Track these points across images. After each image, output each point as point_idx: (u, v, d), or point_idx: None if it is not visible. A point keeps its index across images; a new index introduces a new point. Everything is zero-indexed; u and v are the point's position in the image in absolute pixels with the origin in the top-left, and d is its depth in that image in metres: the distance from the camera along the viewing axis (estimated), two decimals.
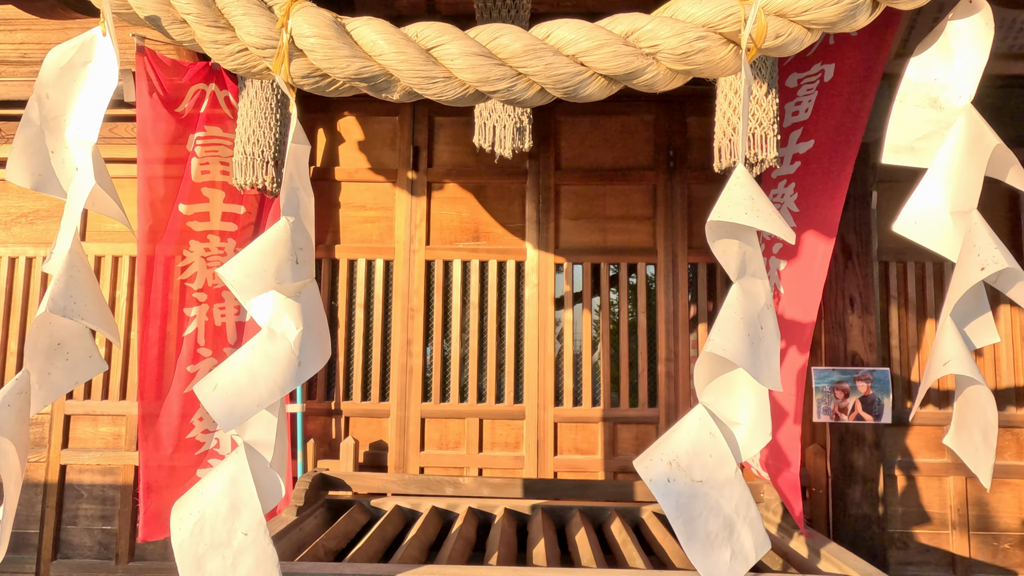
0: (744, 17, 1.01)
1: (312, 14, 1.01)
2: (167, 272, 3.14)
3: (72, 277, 1.03)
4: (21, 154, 1.08)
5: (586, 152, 3.53)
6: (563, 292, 3.47)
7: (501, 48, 1.02)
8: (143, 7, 1.05)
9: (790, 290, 2.82)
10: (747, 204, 0.96)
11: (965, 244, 1.11)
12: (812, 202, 2.82)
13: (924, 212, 1.15)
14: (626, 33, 1.03)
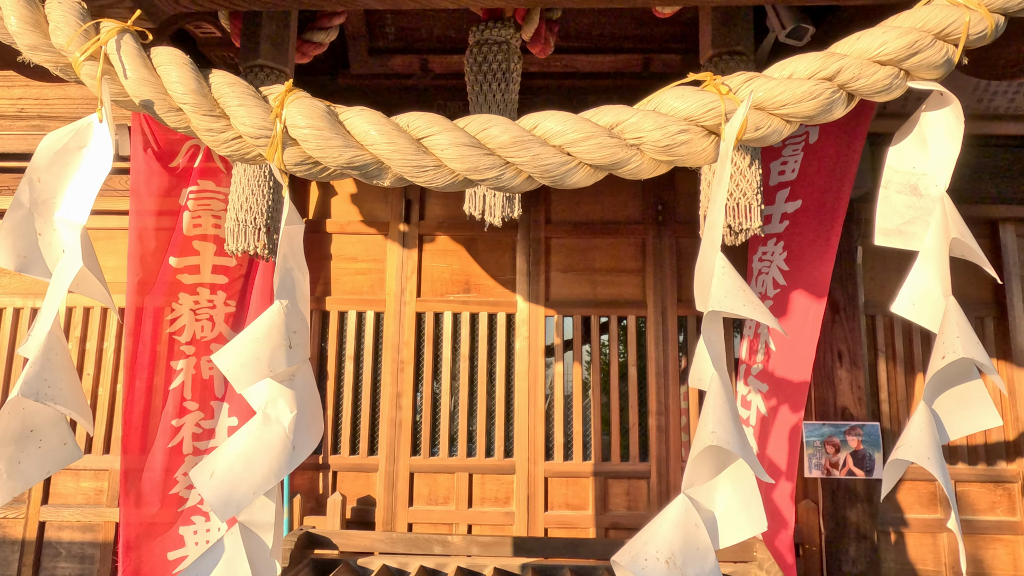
0: (724, 111, 1.04)
1: (306, 105, 1.04)
2: (155, 325, 3.12)
3: (48, 360, 1.03)
4: (8, 237, 1.09)
5: (576, 206, 3.58)
6: (554, 344, 3.47)
7: (490, 139, 1.05)
8: (139, 95, 1.07)
9: (782, 348, 2.84)
10: (741, 295, 0.98)
11: (939, 332, 1.14)
12: (802, 261, 2.86)
13: (920, 295, 1.17)
14: (611, 125, 1.06)
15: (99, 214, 3.59)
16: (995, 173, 3.49)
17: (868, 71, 1.07)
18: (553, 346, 3.47)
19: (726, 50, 1.81)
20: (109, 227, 3.59)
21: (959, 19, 1.07)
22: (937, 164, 1.15)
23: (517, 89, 1.94)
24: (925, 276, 1.17)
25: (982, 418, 1.13)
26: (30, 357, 1.05)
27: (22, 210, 1.10)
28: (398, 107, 3.54)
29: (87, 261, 1.07)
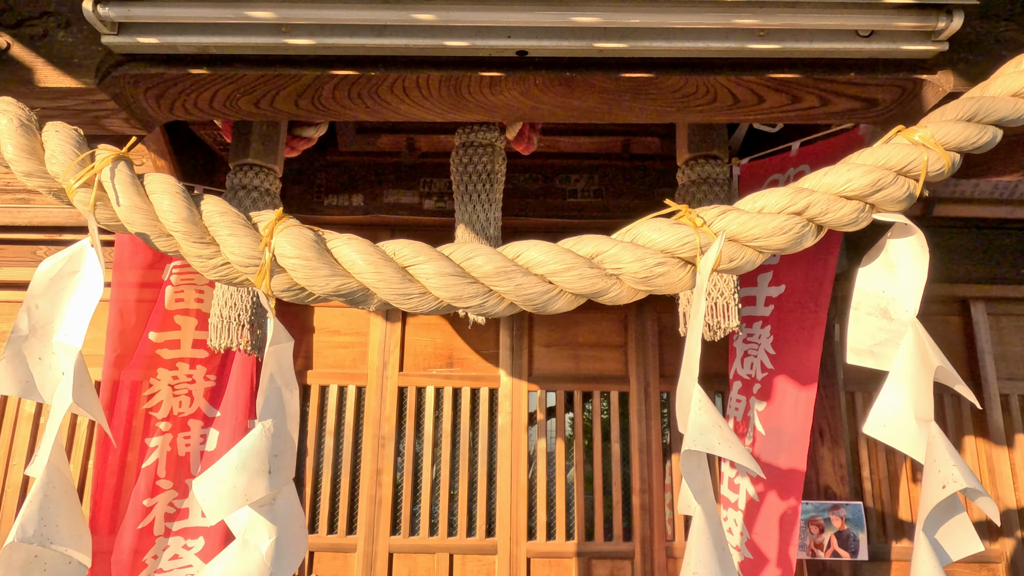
0: (699, 244, 1.08)
1: (295, 235, 1.07)
2: (132, 400, 3.07)
3: (47, 496, 1.02)
4: (9, 364, 1.10)
5: None
6: (537, 420, 3.46)
7: (475, 268, 1.08)
8: (131, 222, 1.09)
9: (772, 432, 2.83)
10: (717, 432, 1.00)
11: (928, 459, 1.16)
12: (789, 346, 2.89)
13: (890, 416, 1.20)
14: (592, 255, 1.09)
15: None
16: (964, 254, 3.60)
17: (835, 206, 1.13)
18: (536, 421, 3.45)
19: (702, 154, 1.89)
20: None
21: (918, 158, 1.14)
22: (906, 290, 1.20)
23: (501, 188, 2.00)
24: (897, 399, 1.20)
25: (968, 544, 1.15)
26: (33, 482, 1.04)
27: (20, 337, 1.10)
28: (384, 183, 3.59)
29: (78, 395, 1.07)
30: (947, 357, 3.63)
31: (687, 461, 1.04)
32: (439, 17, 1.27)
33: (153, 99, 1.48)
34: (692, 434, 1.01)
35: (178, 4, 1.28)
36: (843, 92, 1.45)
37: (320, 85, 1.43)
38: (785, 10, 1.27)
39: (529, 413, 3.48)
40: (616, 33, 1.31)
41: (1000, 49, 1.37)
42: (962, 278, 3.57)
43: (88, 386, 1.11)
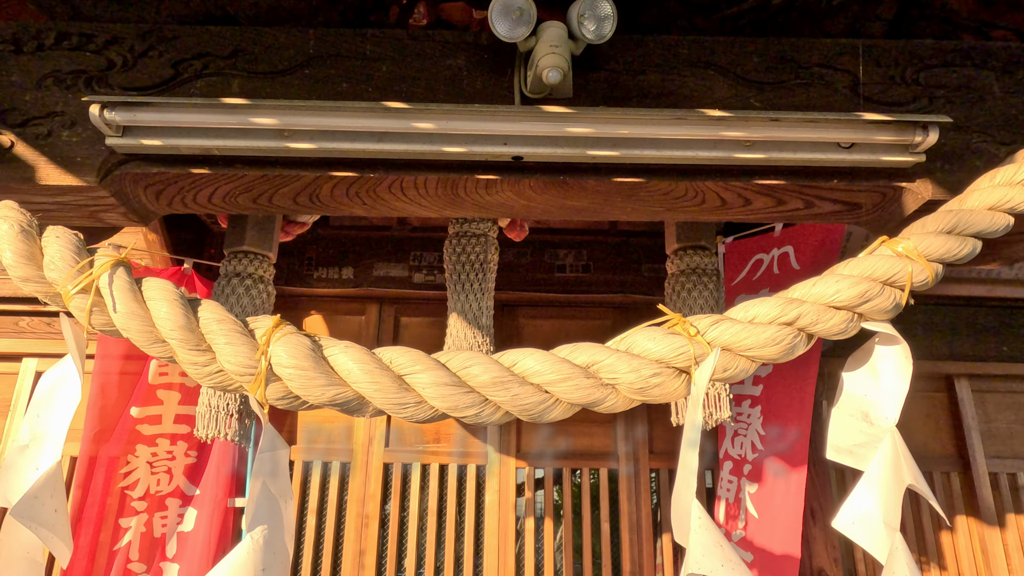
0: (694, 355, 1.10)
1: (292, 343, 1.07)
2: (108, 477, 2.98)
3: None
4: (7, 474, 1.08)
5: None
6: (524, 498, 3.39)
7: (471, 377, 1.08)
8: (127, 328, 1.09)
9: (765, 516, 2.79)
10: (719, 553, 0.99)
11: (887, 568, 1.16)
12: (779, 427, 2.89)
13: (859, 516, 1.20)
14: (587, 364, 1.10)
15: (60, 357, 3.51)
16: (947, 330, 3.66)
17: (825, 316, 1.15)
18: (524, 497, 3.38)
19: (690, 244, 1.93)
20: None
21: (903, 269, 1.18)
22: (887, 397, 1.22)
23: (494, 277, 2.02)
24: (867, 501, 1.20)
25: None
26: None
27: (22, 446, 1.09)
28: (374, 256, 3.62)
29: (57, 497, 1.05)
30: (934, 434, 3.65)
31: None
32: (437, 126, 1.32)
33: (153, 195, 1.50)
34: (695, 555, 0.99)
35: (183, 110, 1.31)
36: (827, 196, 1.50)
37: (319, 185, 1.46)
38: (769, 124, 1.33)
39: (517, 484, 3.41)
40: (608, 142, 1.36)
41: (974, 160, 1.44)
42: (946, 355, 3.61)
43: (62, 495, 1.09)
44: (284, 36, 1.49)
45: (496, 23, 1.35)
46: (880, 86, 1.50)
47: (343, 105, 1.32)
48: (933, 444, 3.57)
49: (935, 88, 1.49)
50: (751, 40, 1.52)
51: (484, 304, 1.92)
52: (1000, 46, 1.53)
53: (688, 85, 1.48)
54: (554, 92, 1.41)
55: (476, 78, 1.47)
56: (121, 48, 1.48)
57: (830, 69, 1.50)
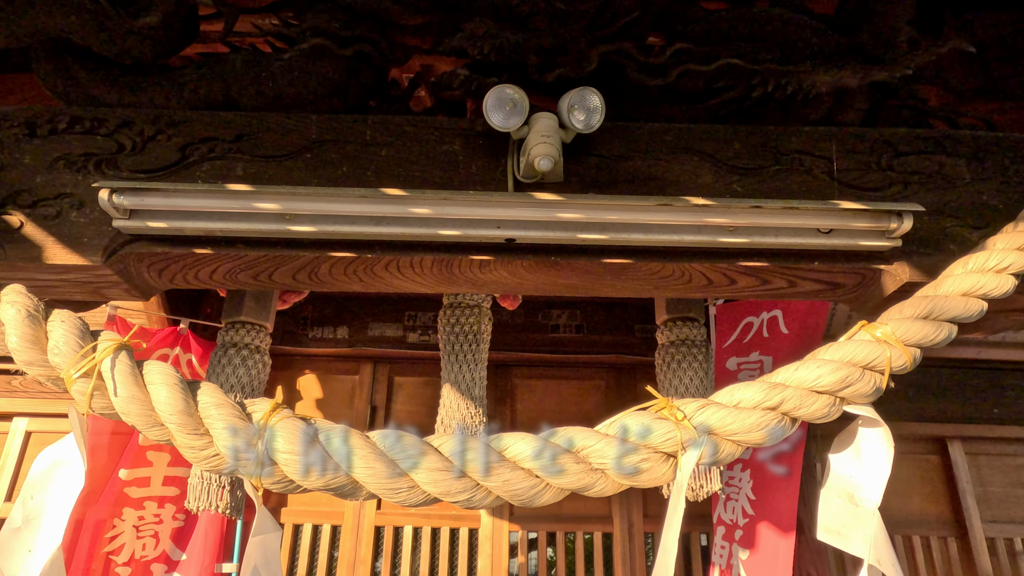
0: (681, 440, 1.12)
1: (288, 428, 1.09)
2: (93, 541, 2.93)
3: None
4: None
5: (541, 415, 3.62)
6: (518, 562, 3.34)
7: (463, 463, 1.10)
8: (128, 413, 1.11)
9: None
10: None
11: None
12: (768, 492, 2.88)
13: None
14: (577, 449, 1.13)
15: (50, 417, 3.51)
16: (937, 393, 3.69)
17: (808, 401, 1.18)
18: (517, 561, 3.33)
19: (680, 316, 1.98)
20: (61, 430, 3.48)
21: (882, 355, 1.22)
22: (870, 479, 1.24)
23: (487, 348, 2.06)
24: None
25: None
26: None
27: (14, 528, 1.09)
28: (369, 316, 3.63)
29: None
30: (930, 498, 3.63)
31: None
32: (434, 211, 1.37)
33: (155, 273, 1.54)
34: None
35: (189, 195, 1.37)
36: (809, 277, 1.55)
37: (318, 264, 1.51)
38: (751, 211, 1.39)
39: (510, 547, 3.36)
40: (597, 226, 1.41)
41: (949, 244, 1.50)
42: (937, 416, 3.63)
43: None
44: (288, 121, 1.56)
45: (491, 114, 1.42)
46: (857, 172, 1.57)
47: (343, 191, 1.37)
48: (930, 508, 3.55)
49: (909, 174, 1.57)
50: (732, 128, 1.60)
51: (477, 375, 1.95)
52: (968, 134, 1.61)
53: (673, 170, 1.55)
54: (546, 177, 1.48)
55: (472, 162, 1.54)
56: (131, 132, 1.55)
57: (809, 155, 1.58)
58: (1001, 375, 3.77)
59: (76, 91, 1.62)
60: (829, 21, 1.69)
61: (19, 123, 1.54)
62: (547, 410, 3.63)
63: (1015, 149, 1.60)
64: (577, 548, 3.36)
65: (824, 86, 1.53)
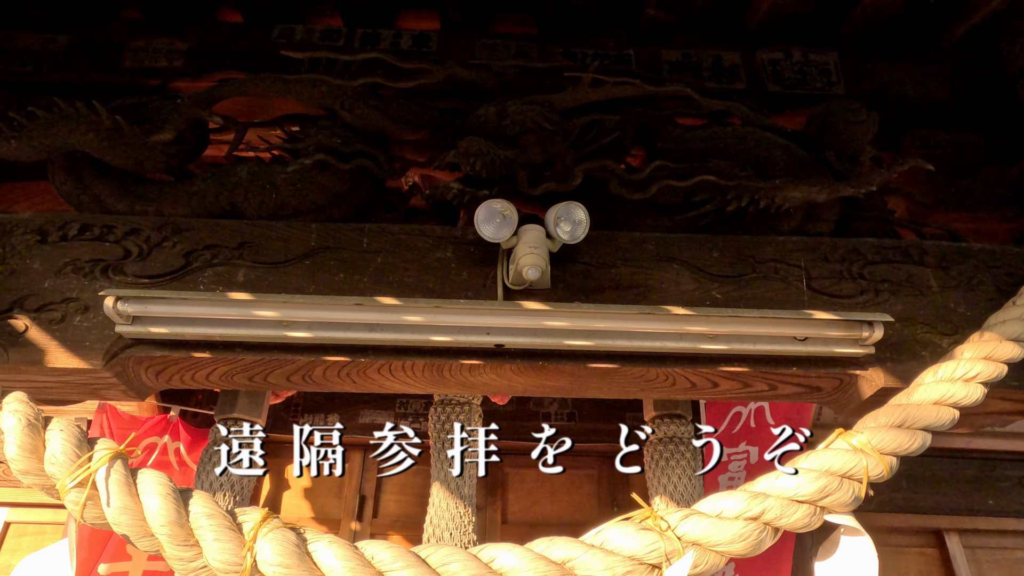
0: (665, 551, 1.14)
1: (278, 540, 1.11)
2: None
3: None
4: None
5: (532, 505, 3.57)
6: None
7: (450, 574, 1.11)
8: (119, 524, 1.12)
9: None
10: None
11: None
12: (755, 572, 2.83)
13: None
14: (563, 561, 1.14)
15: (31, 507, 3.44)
16: (932, 483, 3.67)
17: (789, 511, 1.21)
18: None
19: (667, 413, 2.01)
20: (40, 521, 3.42)
21: (859, 463, 1.25)
22: None
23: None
24: None
25: None
26: None
27: None
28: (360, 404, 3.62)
29: None
30: None
31: None
32: (425, 319, 1.43)
33: (153, 375, 1.58)
34: None
35: (191, 303, 1.43)
36: (788, 381, 1.60)
37: (312, 367, 1.55)
38: (731, 320, 1.46)
39: None
40: (582, 334, 1.47)
41: (920, 349, 1.57)
42: (933, 508, 3.59)
43: None
44: (289, 230, 1.64)
45: (482, 227, 1.51)
46: (829, 280, 1.65)
47: (339, 300, 1.44)
48: None
49: (880, 282, 1.65)
50: (711, 237, 1.69)
51: (467, 474, 1.96)
52: (934, 244, 1.71)
53: (655, 277, 1.63)
54: (534, 285, 1.55)
55: (463, 269, 1.61)
56: (138, 238, 1.62)
57: (783, 264, 1.66)
58: (995, 465, 3.76)
59: (88, 199, 1.71)
60: (798, 138, 1.82)
61: (31, 230, 1.62)
62: (539, 500, 3.59)
63: (978, 258, 1.69)
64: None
65: (795, 201, 1.64)
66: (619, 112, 1.77)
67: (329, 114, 1.76)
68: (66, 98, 1.64)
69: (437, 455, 2.04)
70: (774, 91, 1.98)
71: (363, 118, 1.70)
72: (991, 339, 1.43)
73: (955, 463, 3.75)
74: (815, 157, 1.77)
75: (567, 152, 1.67)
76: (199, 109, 1.68)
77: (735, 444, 3.14)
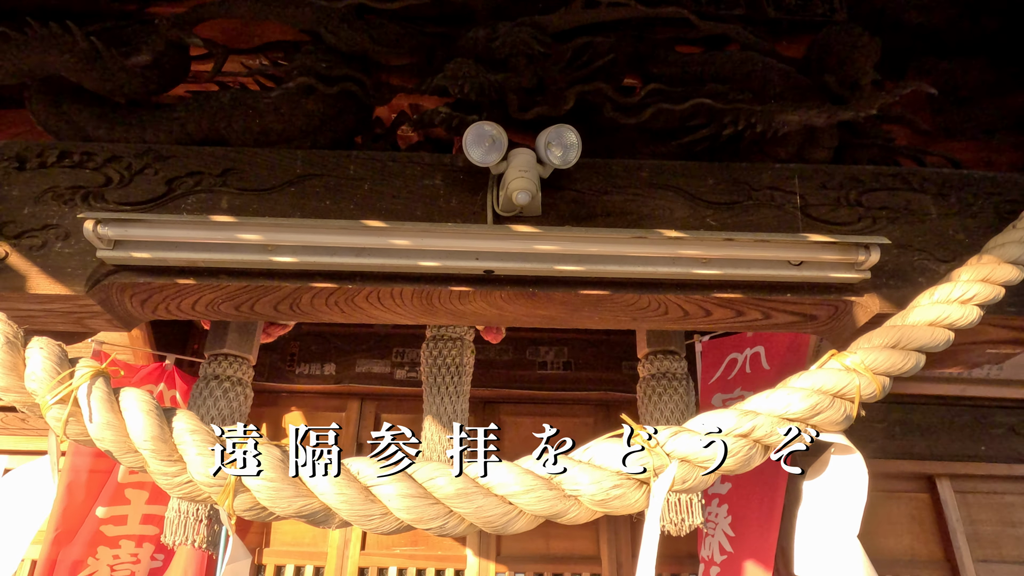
0: (653, 466, 1.13)
1: (263, 455, 1.09)
2: None
3: None
4: None
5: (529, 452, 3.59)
6: None
7: (436, 489, 1.11)
8: (102, 440, 1.11)
9: None
10: None
11: None
12: (748, 528, 2.84)
13: None
14: (550, 476, 1.13)
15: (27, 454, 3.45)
16: (925, 430, 3.68)
17: (780, 428, 1.20)
18: None
19: (660, 349, 2.00)
20: None
21: (851, 383, 1.24)
22: (847, 509, 1.25)
23: (469, 380, 2.07)
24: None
25: None
26: None
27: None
28: (356, 353, 3.63)
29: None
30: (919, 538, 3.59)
31: None
32: (414, 243, 1.40)
33: (138, 303, 1.56)
34: None
35: (173, 226, 1.39)
36: (782, 309, 1.58)
37: (299, 295, 1.53)
38: (724, 243, 1.43)
39: None
40: (574, 258, 1.44)
41: (917, 276, 1.54)
42: (926, 454, 3.62)
43: None
44: (273, 156, 1.60)
45: (470, 150, 1.47)
46: (826, 207, 1.62)
47: (325, 223, 1.41)
48: (920, 548, 3.51)
49: (877, 209, 1.61)
50: (706, 164, 1.65)
51: (459, 407, 1.96)
52: (933, 172, 1.67)
53: (649, 204, 1.59)
54: (524, 211, 1.52)
55: (452, 196, 1.58)
56: (119, 166, 1.58)
57: (779, 191, 1.63)
58: (987, 412, 3.78)
59: (67, 127, 1.66)
60: (797, 64, 1.76)
61: (9, 157, 1.58)
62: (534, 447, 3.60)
63: (978, 185, 1.66)
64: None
65: (793, 125, 1.59)
66: (614, 36, 1.71)
67: (314, 38, 1.71)
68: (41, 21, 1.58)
69: (429, 390, 2.03)
70: (775, 16, 1.91)
71: (349, 41, 1.64)
72: (989, 262, 1.40)
73: (949, 410, 3.76)
74: (815, 83, 1.72)
75: (559, 76, 1.62)
76: (179, 31, 1.63)
77: (730, 390, 3.14)
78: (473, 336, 2.11)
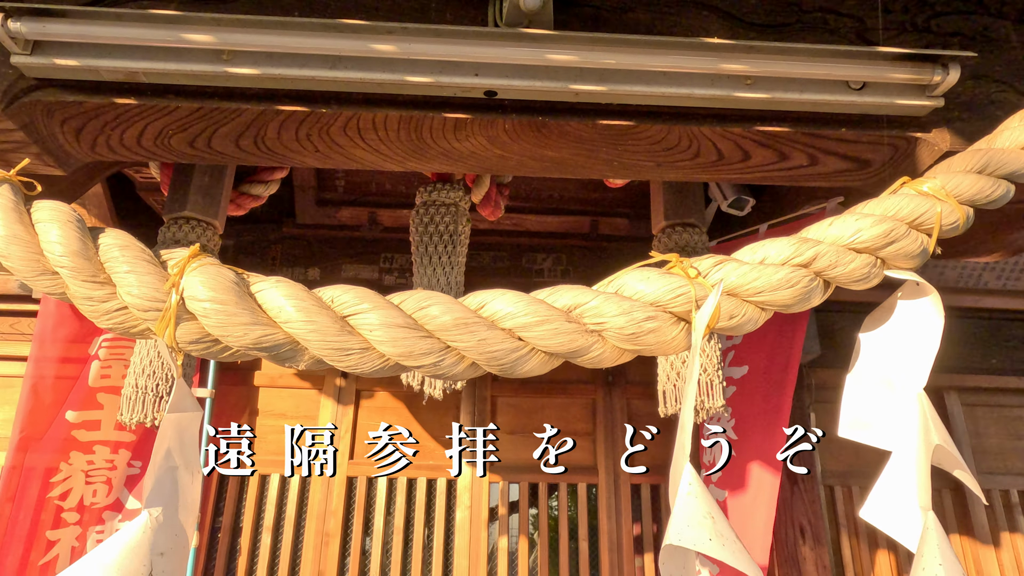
0: (695, 297, 0.92)
1: (210, 274, 0.88)
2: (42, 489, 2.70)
3: None
4: None
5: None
6: (498, 516, 3.16)
7: (429, 319, 0.89)
8: (8, 256, 0.89)
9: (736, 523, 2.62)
10: (709, 525, 0.80)
11: (917, 552, 0.99)
12: (752, 431, 2.72)
13: (891, 503, 1.03)
14: (569, 307, 0.93)
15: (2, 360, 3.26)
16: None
17: (845, 259, 0.99)
18: (497, 517, 3.15)
19: (679, 221, 1.78)
20: (7, 374, 3.23)
21: (931, 210, 1.03)
22: (914, 360, 1.06)
23: (464, 251, 1.85)
24: (899, 483, 1.03)
25: None
26: None
27: None
28: (343, 257, 3.42)
29: None
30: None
31: (668, 560, 0.83)
32: (400, 49, 1.15)
33: (72, 133, 1.30)
34: (678, 525, 0.81)
35: (104, 22, 1.13)
36: (833, 151, 1.35)
37: (264, 123, 1.28)
38: (775, 57, 1.18)
39: (490, 508, 3.19)
40: (594, 75, 1.20)
41: (995, 110, 1.31)
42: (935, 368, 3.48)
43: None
44: None
45: None
46: (889, 33, 1.37)
47: (291, 21, 1.14)
48: None
49: (949, 36, 1.37)
50: None
51: (453, 278, 1.74)
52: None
53: (681, 25, 1.34)
54: (532, 23, 1.26)
55: (445, 9, 1.31)
56: None
57: (834, 14, 1.37)
58: (999, 325, 3.64)
59: None
60: None
61: None
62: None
63: None
64: (560, 500, 3.19)
65: None
66: None
67: None
68: None
69: (419, 260, 1.81)
70: None
71: None
72: None
73: (963, 323, 3.62)
74: None
75: None
76: None
77: None
78: (468, 204, 1.88)
